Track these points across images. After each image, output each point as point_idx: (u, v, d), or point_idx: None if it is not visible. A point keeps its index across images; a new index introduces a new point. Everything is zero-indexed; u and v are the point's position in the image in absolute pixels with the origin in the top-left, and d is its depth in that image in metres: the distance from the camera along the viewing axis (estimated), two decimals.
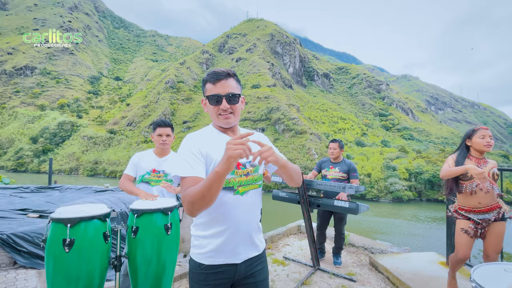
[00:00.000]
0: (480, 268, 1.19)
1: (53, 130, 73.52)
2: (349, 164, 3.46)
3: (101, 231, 1.54)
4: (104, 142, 72.43)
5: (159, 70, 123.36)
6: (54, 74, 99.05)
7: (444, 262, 3.12)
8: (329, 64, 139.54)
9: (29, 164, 63.65)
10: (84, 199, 5.30)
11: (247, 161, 1.14)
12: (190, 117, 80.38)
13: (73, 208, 1.57)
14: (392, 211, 30.69)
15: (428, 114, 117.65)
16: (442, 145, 76.96)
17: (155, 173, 2.27)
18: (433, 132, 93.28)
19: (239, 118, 1.20)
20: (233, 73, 1.14)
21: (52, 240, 1.42)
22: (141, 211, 1.73)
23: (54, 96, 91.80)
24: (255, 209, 1.17)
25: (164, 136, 2.30)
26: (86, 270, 1.46)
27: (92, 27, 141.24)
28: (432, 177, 39.96)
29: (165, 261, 1.75)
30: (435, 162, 43.89)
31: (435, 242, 16.42)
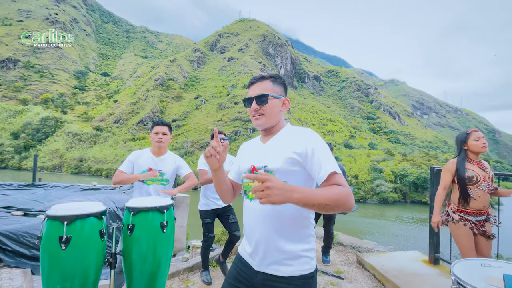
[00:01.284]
0: (459, 263, 1.28)
1: (35, 126, 70.86)
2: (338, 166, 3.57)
3: (97, 229, 1.55)
4: (90, 139, 70.47)
5: (148, 67, 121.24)
6: (38, 68, 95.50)
7: (426, 260, 3.27)
8: (319, 67, 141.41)
9: (10, 161, 61.13)
10: (70, 197, 5.19)
11: (262, 166, 1.09)
12: (180, 115, 79.43)
13: (69, 206, 1.57)
14: (378, 212, 31.46)
15: (413, 118, 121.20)
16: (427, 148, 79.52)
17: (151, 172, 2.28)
18: (418, 136, 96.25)
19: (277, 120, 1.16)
20: (269, 76, 1.16)
21: (48, 237, 1.42)
22: (137, 209, 1.75)
23: (37, 90, 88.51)
24: (268, 219, 1.05)
25: (160, 134, 2.32)
26: (82, 267, 1.47)
27: (79, 20, 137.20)
28: (417, 179, 41.26)
29: (160, 259, 1.78)
30: (420, 165, 45.30)
31: (419, 242, 16.99)
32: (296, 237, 1.05)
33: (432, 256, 3.20)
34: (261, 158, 1.11)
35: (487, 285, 1.06)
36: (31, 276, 2.82)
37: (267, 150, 1.13)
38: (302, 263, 1.03)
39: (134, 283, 1.73)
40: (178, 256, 4.38)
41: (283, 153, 1.06)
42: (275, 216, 1.04)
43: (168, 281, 2.75)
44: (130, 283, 1.75)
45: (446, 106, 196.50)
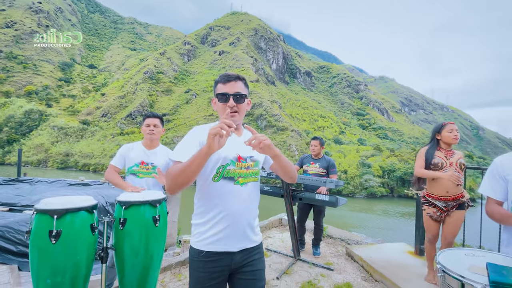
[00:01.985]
0: (444, 252, 1.36)
1: (19, 119, 68.23)
2: (328, 160, 3.64)
3: (88, 223, 1.53)
4: (77, 133, 68.49)
5: (137, 59, 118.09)
6: (21, 59, 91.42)
7: (412, 252, 3.39)
8: (311, 63, 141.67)
9: None
10: (58, 192, 5.06)
11: (248, 156, 1.26)
12: (170, 109, 78.11)
13: (59, 200, 1.54)
14: (366, 206, 32.19)
15: (402, 115, 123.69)
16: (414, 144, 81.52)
17: (143, 165, 2.25)
18: (405, 132, 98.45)
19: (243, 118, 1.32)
20: (242, 78, 1.30)
21: (37, 232, 1.39)
22: (129, 203, 1.73)
23: (20, 82, 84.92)
24: (253, 200, 1.27)
25: (152, 126, 2.30)
26: (73, 261, 1.45)
27: (64, 10, 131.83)
28: (404, 174, 42.34)
29: (152, 253, 1.77)
30: (407, 161, 46.47)
31: (405, 234, 17.53)
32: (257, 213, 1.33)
33: (418, 248, 3.33)
34: (244, 149, 1.25)
35: (471, 273, 1.12)
36: (18, 272, 2.76)
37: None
38: (259, 230, 1.34)
39: (126, 277, 1.73)
40: (170, 251, 4.37)
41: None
42: (256, 197, 1.29)
43: (160, 275, 2.75)
44: (122, 278, 1.74)
45: (433, 103, 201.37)
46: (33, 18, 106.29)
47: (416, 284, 2.56)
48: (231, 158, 1.23)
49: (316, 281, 2.78)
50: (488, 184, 1.47)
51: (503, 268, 1.07)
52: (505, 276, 1.01)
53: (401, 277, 2.70)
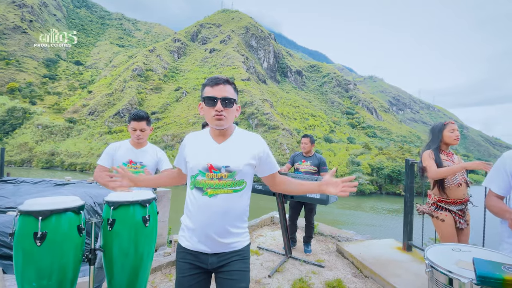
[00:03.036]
0: (431, 248, 1.38)
1: (1, 117, 65.67)
2: (319, 158, 3.68)
3: (75, 224, 1.48)
4: (62, 131, 66.54)
5: (125, 56, 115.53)
6: (4, 55, 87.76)
7: (400, 247, 3.47)
8: (302, 62, 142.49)
9: None
10: (43, 193, 4.90)
11: (223, 166, 1.20)
12: (159, 107, 76.91)
13: (44, 200, 1.48)
14: (355, 204, 32.75)
15: (390, 114, 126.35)
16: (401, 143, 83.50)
17: (132, 164, 2.19)
18: (393, 131, 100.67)
19: (232, 122, 1.29)
20: (232, 82, 1.27)
21: (22, 234, 1.34)
22: (117, 203, 1.69)
23: (3, 79, 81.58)
24: (225, 214, 1.20)
25: (138, 131, 2.20)
26: (59, 264, 1.40)
27: (49, 4, 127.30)
28: (392, 172, 43.32)
29: (142, 253, 1.74)
30: (395, 159, 47.51)
31: (393, 231, 17.96)
32: (242, 221, 1.28)
33: (406, 243, 3.41)
34: (218, 158, 1.21)
35: (458, 268, 1.15)
36: (2, 275, 2.66)
37: (226, 151, 1.24)
38: (245, 236, 1.30)
39: (115, 278, 1.69)
40: (160, 251, 4.31)
41: (244, 157, 1.23)
42: (232, 210, 1.21)
43: (150, 276, 2.71)
44: (111, 279, 1.70)
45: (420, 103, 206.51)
46: (16, 13, 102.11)
47: (405, 279, 2.62)
48: (199, 168, 1.20)
49: (308, 278, 2.81)
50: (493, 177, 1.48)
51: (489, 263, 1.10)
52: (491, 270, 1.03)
53: (390, 272, 2.76)
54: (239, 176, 1.21)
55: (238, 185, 1.22)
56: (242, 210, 1.26)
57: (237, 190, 1.22)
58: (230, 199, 1.20)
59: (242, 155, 1.23)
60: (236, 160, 1.21)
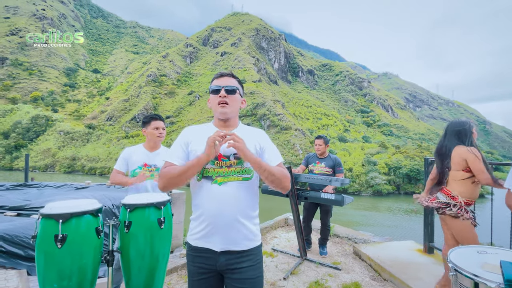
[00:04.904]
0: (455, 250, 1.31)
1: (26, 125, 69.29)
2: (334, 159, 3.59)
3: (94, 226, 1.53)
4: (82, 137, 69.31)
5: (140, 62, 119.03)
6: (27, 66, 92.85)
7: (421, 249, 3.34)
8: (313, 61, 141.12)
9: (1, 161, 59.88)
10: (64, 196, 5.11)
11: (232, 154, 1.21)
12: (173, 112, 78.58)
13: (63, 204, 1.54)
14: (372, 204, 31.94)
15: (406, 111, 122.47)
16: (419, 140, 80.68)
17: (146, 167, 2.26)
18: (411, 129, 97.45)
19: (236, 114, 1.32)
20: (236, 77, 1.34)
21: (43, 236, 1.40)
22: (133, 206, 1.73)
23: (26, 88, 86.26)
24: (236, 201, 1.19)
25: (161, 129, 2.32)
26: (79, 265, 1.45)
27: (67, 16, 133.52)
28: (410, 171, 41.91)
29: (158, 255, 1.77)
30: (413, 157, 45.97)
31: (413, 232, 17.33)
32: (252, 215, 1.25)
33: (427, 245, 3.27)
34: (225, 146, 1.19)
35: (484, 271, 1.08)
36: (26, 277, 2.79)
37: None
38: (256, 235, 1.26)
39: (132, 280, 1.72)
40: (176, 253, 4.38)
41: (250, 145, 1.22)
42: (242, 198, 1.20)
43: (166, 277, 2.75)
44: (129, 280, 1.74)
45: (438, 99, 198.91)
46: (37, 25, 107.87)
47: (426, 282, 2.51)
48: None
49: (324, 281, 2.75)
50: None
51: None
52: None
53: (411, 275, 2.66)
54: (247, 164, 1.21)
55: (247, 173, 1.23)
56: (252, 201, 1.24)
57: (246, 178, 1.22)
58: (240, 187, 1.21)
59: (248, 143, 1.21)
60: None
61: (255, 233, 1.26)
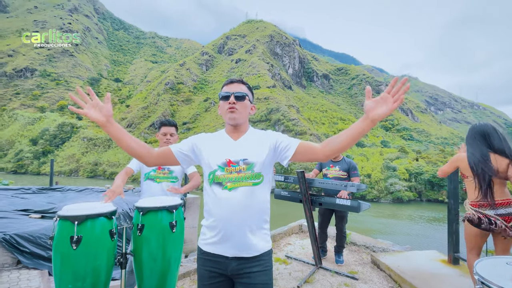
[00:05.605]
0: (482, 261, 1.21)
1: (53, 132, 73.45)
2: (349, 162, 3.49)
3: (108, 229, 1.56)
4: (104, 143, 72.32)
5: (158, 71, 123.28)
6: (54, 76, 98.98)
7: (445, 260, 3.14)
8: (328, 65, 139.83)
9: (29, 166, 63.57)
10: (84, 199, 5.31)
11: (241, 159, 1.22)
12: (190, 118, 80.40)
13: (79, 206, 1.59)
14: (392, 212, 30.69)
15: (427, 114, 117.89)
16: (442, 145, 77.11)
17: (160, 170, 2.30)
18: (432, 133, 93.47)
19: (246, 120, 1.33)
20: (246, 83, 1.36)
21: (60, 238, 1.44)
22: (146, 209, 1.75)
23: (54, 97, 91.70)
24: (248, 207, 1.18)
25: (168, 135, 2.35)
26: (93, 267, 1.48)
27: (92, 29, 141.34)
28: (432, 177, 39.98)
29: (170, 258, 1.77)
30: (435, 163, 43.93)
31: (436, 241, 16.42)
32: (263, 219, 1.25)
33: (452, 256, 3.07)
34: (235, 153, 1.24)
35: None
36: (48, 277, 2.89)
37: (242, 145, 1.27)
38: (267, 240, 1.26)
39: (144, 282, 1.73)
40: (190, 257, 4.40)
41: (260, 149, 1.25)
42: (252, 203, 1.19)
43: (179, 282, 2.75)
44: (141, 283, 1.75)
45: (462, 101, 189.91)
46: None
47: None
48: (219, 164, 1.22)
49: None
50: None
51: None
52: None
53: (434, 287, 2.49)
54: (257, 168, 1.22)
55: (256, 178, 1.22)
56: (263, 206, 1.24)
57: (257, 183, 1.22)
58: (250, 192, 1.20)
59: (258, 148, 1.25)
60: (253, 152, 1.24)
61: (266, 239, 1.25)
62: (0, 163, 65.01)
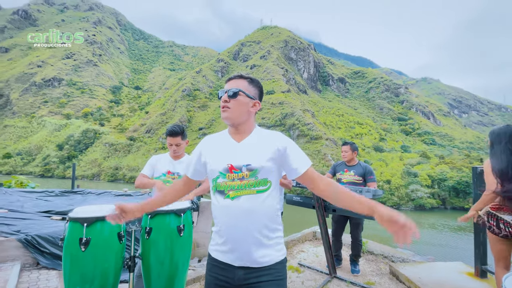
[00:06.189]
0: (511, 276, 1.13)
1: (77, 138, 77.38)
2: (364, 167, 3.34)
3: (116, 231, 1.57)
4: (124, 148, 75.16)
5: (176, 78, 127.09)
6: (79, 85, 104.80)
7: (472, 273, 2.91)
8: (344, 69, 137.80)
9: (55, 170, 67.12)
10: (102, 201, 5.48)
11: (244, 165, 1.12)
12: (205, 123, 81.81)
13: (89, 208, 1.61)
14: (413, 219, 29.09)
15: (451, 117, 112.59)
16: (467, 150, 73.10)
17: (170, 175, 2.32)
18: (457, 137, 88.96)
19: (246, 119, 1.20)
20: (247, 77, 1.23)
21: (70, 239, 1.46)
22: (154, 212, 1.75)
23: (79, 105, 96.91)
24: (250, 216, 1.10)
25: (174, 146, 2.32)
26: (101, 269, 1.49)
27: (114, 39, 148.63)
28: (457, 183, 37.92)
29: (177, 262, 1.76)
30: (460, 168, 41.70)
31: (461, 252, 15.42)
32: (272, 228, 1.14)
33: (479, 268, 2.85)
34: (238, 157, 1.14)
35: None
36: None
37: (245, 149, 1.16)
38: (279, 249, 1.15)
39: (152, 287, 1.73)
40: (203, 261, 4.38)
41: (265, 153, 1.13)
42: (257, 212, 1.10)
43: (189, 286, 2.73)
44: (149, 287, 1.74)
45: (488, 104, 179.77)
46: (89, 49, 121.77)
47: None
48: (220, 170, 1.14)
49: None
50: None
51: None
52: None
53: None
54: (262, 174, 1.12)
55: (261, 185, 1.12)
56: (270, 215, 1.13)
57: (261, 190, 1.11)
58: (254, 201, 1.10)
59: (262, 151, 1.14)
60: (257, 157, 1.13)
61: (277, 248, 1.15)
62: (29, 167, 69.15)
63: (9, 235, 3.12)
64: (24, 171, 66.18)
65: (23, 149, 75.17)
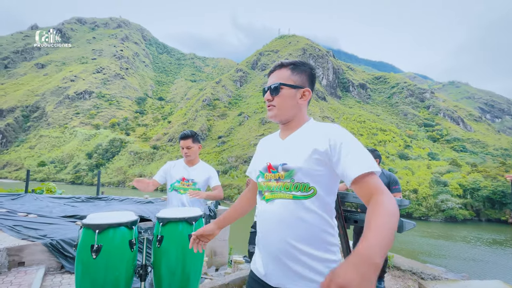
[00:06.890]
0: None
1: (105, 147, 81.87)
2: (388, 176, 3.14)
3: (127, 239, 1.55)
4: (148, 157, 78.21)
5: (197, 89, 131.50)
6: (108, 97, 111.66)
7: None
8: (365, 74, 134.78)
9: (85, 177, 71.09)
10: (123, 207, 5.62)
11: (280, 164, 0.97)
12: (224, 132, 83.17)
13: (102, 215, 1.61)
14: (444, 232, 27.33)
15: (483, 123, 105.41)
16: (503, 157, 67.66)
17: (184, 182, 2.31)
18: (490, 143, 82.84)
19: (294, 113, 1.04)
20: (289, 63, 1.06)
21: (82, 246, 1.46)
22: (166, 220, 1.73)
23: (107, 116, 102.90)
24: (282, 226, 0.92)
25: (185, 149, 2.34)
26: (112, 277, 1.47)
27: (139, 54, 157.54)
28: (492, 193, 35.02)
29: (189, 273, 1.71)
30: (495, 177, 38.56)
31: (499, 269, 14.04)
32: (319, 247, 0.91)
33: None
34: (279, 155, 0.99)
35: None
36: None
37: (287, 146, 1.00)
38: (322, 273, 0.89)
39: None
40: (221, 271, 4.32)
41: (305, 150, 0.93)
42: (295, 221, 0.91)
43: None
44: None
45: None
46: (116, 64, 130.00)
47: None
48: (260, 169, 1.04)
49: None
50: None
51: None
52: None
53: None
54: (300, 177, 0.92)
55: (300, 190, 0.91)
56: (312, 229, 0.90)
57: (299, 197, 0.91)
58: (289, 208, 0.92)
59: (303, 148, 0.94)
60: (294, 155, 0.95)
61: (321, 271, 0.89)
62: (61, 175, 73.84)
63: (35, 239, 3.26)
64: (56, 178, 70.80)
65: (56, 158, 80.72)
